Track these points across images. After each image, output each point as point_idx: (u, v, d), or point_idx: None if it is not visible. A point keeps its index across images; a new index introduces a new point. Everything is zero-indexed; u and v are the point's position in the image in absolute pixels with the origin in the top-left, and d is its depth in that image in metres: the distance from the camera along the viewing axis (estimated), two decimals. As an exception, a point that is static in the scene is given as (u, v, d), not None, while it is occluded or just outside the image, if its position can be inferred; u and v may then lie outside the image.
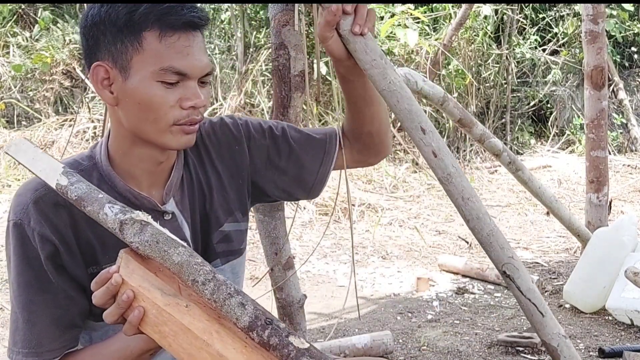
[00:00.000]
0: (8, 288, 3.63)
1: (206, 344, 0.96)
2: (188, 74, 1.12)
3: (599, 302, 3.15)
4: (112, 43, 1.11)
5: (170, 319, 0.99)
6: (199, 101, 1.13)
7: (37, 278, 1.14)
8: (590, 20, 3.47)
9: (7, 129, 5.83)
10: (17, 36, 6.28)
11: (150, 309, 1.00)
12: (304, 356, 0.92)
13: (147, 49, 1.10)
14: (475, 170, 6.33)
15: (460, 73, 6.56)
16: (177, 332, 0.98)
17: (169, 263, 0.99)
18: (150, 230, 1.02)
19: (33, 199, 1.14)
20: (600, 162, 3.58)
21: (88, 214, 1.05)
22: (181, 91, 1.13)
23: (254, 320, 0.94)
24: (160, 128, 1.13)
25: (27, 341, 1.15)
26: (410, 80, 2.67)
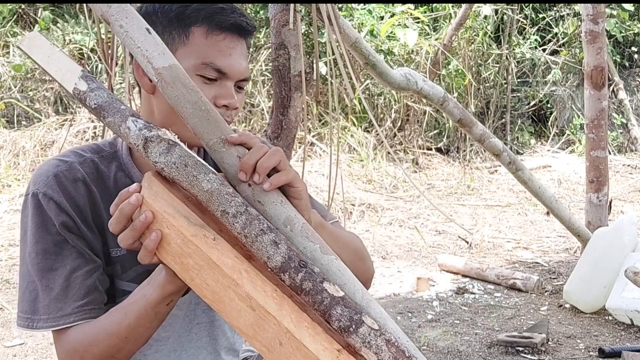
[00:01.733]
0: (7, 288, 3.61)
1: (234, 282, 0.88)
2: (227, 74, 1.15)
3: (599, 302, 3.15)
4: (161, 33, 1.14)
5: (197, 251, 0.89)
6: (233, 101, 1.15)
7: (54, 244, 1.14)
8: (590, 20, 3.47)
9: (7, 129, 5.83)
10: (17, 36, 6.28)
11: (174, 237, 0.91)
12: (338, 305, 0.85)
13: (193, 42, 1.14)
14: (475, 170, 6.33)
15: (460, 73, 6.56)
16: (202, 267, 0.89)
17: (198, 190, 0.90)
18: (178, 151, 0.92)
19: (54, 173, 1.16)
20: (600, 162, 3.58)
21: (108, 126, 0.96)
22: (217, 89, 1.15)
23: (287, 261, 0.87)
24: None
25: (46, 307, 1.14)
26: (410, 80, 2.67)
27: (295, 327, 0.86)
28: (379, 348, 0.83)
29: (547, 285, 3.59)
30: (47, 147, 5.49)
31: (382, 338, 0.84)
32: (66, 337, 1.13)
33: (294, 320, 0.86)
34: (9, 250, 4.07)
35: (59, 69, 0.99)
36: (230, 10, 1.15)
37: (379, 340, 0.84)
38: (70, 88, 0.98)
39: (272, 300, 0.87)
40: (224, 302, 0.89)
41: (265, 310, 0.86)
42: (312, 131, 5.86)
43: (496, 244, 4.44)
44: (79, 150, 1.22)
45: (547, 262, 4.05)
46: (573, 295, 3.22)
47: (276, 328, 0.86)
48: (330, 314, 0.85)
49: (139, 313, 1.05)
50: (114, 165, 1.21)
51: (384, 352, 0.83)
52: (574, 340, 2.88)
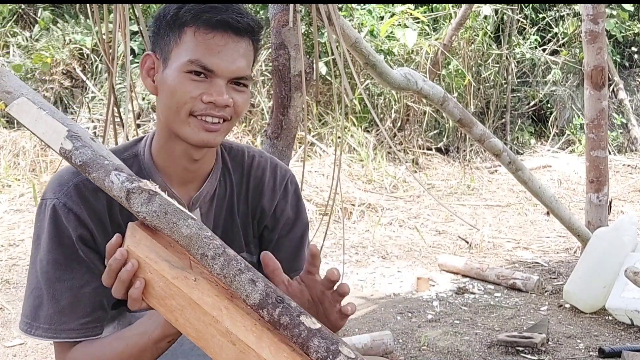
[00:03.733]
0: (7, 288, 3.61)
1: (215, 320, 0.92)
2: (215, 72, 1.15)
3: (599, 302, 3.15)
4: (162, 36, 1.19)
5: (178, 292, 0.94)
6: (219, 99, 1.15)
7: (66, 257, 1.15)
8: (590, 20, 3.47)
9: (7, 129, 5.83)
10: (17, 36, 6.28)
11: (157, 280, 0.96)
12: (315, 337, 0.89)
13: (184, 41, 1.16)
14: (475, 170, 6.33)
15: (460, 73, 6.56)
16: (184, 307, 0.94)
17: (178, 235, 0.94)
18: (158, 200, 0.96)
19: (75, 182, 1.17)
20: (600, 162, 3.58)
21: (93, 181, 1.01)
22: (206, 86, 1.16)
23: (265, 298, 0.90)
24: (180, 118, 1.16)
25: (49, 317, 1.16)
26: (410, 80, 2.67)
27: (274, 358, 0.90)
28: None
29: (547, 285, 3.59)
30: (47, 147, 5.48)
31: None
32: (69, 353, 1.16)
33: (273, 352, 0.91)
34: (9, 250, 4.07)
35: (46, 131, 1.04)
36: (223, 9, 1.16)
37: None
38: (57, 148, 1.03)
39: (251, 334, 0.91)
40: (207, 339, 0.93)
41: (245, 344, 0.91)
42: (312, 131, 5.86)
43: (496, 244, 4.44)
44: None
45: (547, 262, 4.05)
46: (573, 295, 3.22)
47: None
48: (308, 346, 0.90)
49: (140, 347, 1.09)
50: (134, 169, 1.22)
51: None
52: (574, 340, 2.88)
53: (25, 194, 4.91)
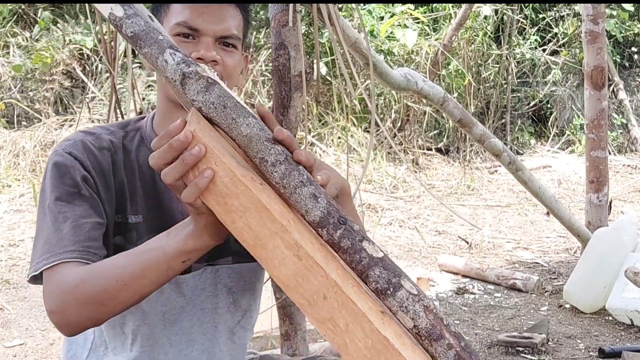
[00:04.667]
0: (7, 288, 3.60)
1: (283, 229, 0.82)
2: (201, 30, 1.19)
3: (599, 302, 3.15)
4: (156, 14, 1.23)
5: (245, 191, 0.83)
6: (206, 54, 1.16)
7: (69, 193, 1.14)
8: (590, 20, 3.47)
9: (7, 129, 5.83)
10: (17, 36, 6.28)
11: (222, 175, 0.84)
12: (376, 266, 0.81)
13: (171, 9, 1.21)
14: (475, 170, 6.33)
15: (460, 73, 6.56)
16: (248, 209, 0.83)
17: (236, 134, 0.84)
18: (217, 90, 0.86)
19: (80, 139, 1.19)
20: (600, 162, 3.58)
21: (144, 57, 0.92)
22: (194, 46, 1.19)
23: (326, 217, 0.81)
24: None
25: (50, 246, 1.09)
26: (410, 80, 2.67)
27: (342, 282, 0.81)
28: (416, 314, 0.79)
29: (547, 286, 3.59)
30: (47, 147, 5.49)
31: (421, 304, 0.80)
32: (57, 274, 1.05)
33: (340, 275, 0.82)
34: (9, 250, 4.07)
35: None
36: None
37: (417, 305, 0.80)
38: (107, 13, 0.92)
39: (319, 252, 0.82)
40: (267, 249, 0.83)
41: (314, 261, 0.81)
42: (312, 131, 5.86)
43: (496, 244, 4.44)
44: (106, 125, 1.27)
45: (547, 262, 4.05)
46: (573, 295, 3.22)
47: (322, 280, 0.81)
48: (367, 275, 0.81)
49: (150, 262, 0.99)
50: (137, 140, 1.24)
51: (422, 319, 0.79)
52: (574, 340, 2.88)
53: (25, 194, 4.91)
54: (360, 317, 0.80)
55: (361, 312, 0.80)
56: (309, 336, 2.80)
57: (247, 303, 1.32)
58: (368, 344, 0.80)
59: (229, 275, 1.28)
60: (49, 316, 1.05)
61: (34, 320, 3.10)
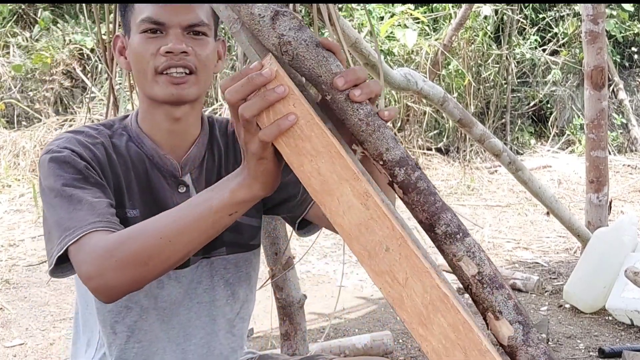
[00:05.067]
0: (7, 288, 3.61)
1: (355, 176, 0.82)
2: (166, 23, 1.17)
3: (599, 302, 3.15)
4: (124, 16, 1.23)
5: (321, 135, 0.83)
6: (174, 47, 1.16)
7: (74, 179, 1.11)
8: (590, 20, 3.47)
9: (7, 129, 5.83)
10: (17, 36, 6.28)
11: (300, 116, 0.83)
12: (449, 211, 0.84)
13: (136, 7, 1.20)
14: (475, 170, 6.33)
15: (460, 73, 6.56)
16: (320, 153, 0.83)
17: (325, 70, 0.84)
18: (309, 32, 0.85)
19: (73, 136, 1.19)
20: (600, 162, 3.58)
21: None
22: (162, 40, 1.18)
23: (405, 158, 0.83)
24: (148, 79, 1.19)
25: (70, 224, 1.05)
26: (410, 80, 2.67)
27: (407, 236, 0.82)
28: (481, 260, 0.83)
29: (547, 286, 3.59)
30: (47, 147, 5.49)
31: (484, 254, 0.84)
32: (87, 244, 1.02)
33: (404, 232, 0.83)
34: (9, 250, 4.07)
35: None
36: None
37: (482, 254, 0.84)
38: None
39: (385, 207, 0.83)
40: (333, 195, 0.83)
41: (382, 212, 0.82)
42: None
43: (496, 244, 4.44)
44: (90, 125, 1.27)
45: (547, 262, 4.05)
46: (573, 295, 3.22)
47: (388, 232, 0.82)
48: (439, 217, 0.84)
49: (196, 215, 0.97)
50: (124, 138, 1.25)
51: (486, 266, 0.82)
52: (574, 340, 2.88)
53: (25, 194, 4.91)
54: (423, 272, 0.81)
55: (424, 267, 0.81)
56: (309, 336, 2.80)
57: (245, 293, 1.33)
58: (426, 300, 0.81)
59: (224, 266, 1.29)
60: (85, 283, 1.01)
61: (34, 320, 3.10)
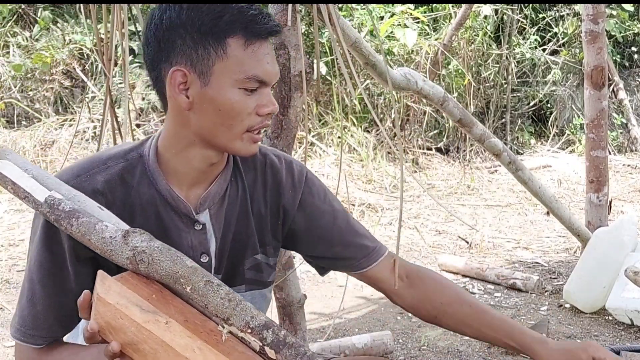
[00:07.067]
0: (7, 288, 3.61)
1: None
2: (267, 82, 1.15)
3: (599, 302, 3.15)
4: (193, 48, 1.12)
5: (150, 336, 0.95)
6: (274, 108, 1.16)
7: (52, 262, 1.14)
8: (590, 20, 3.47)
9: (7, 129, 5.83)
10: (17, 36, 6.28)
11: (128, 326, 0.96)
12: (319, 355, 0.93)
13: (231, 55, 1.11)
14: (475, 170, 6.33)
15: (460, 73, 6.56)
16: (157, 350, 0.95)
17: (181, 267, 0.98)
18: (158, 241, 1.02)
19: (73, 184, 1.15)
20: (600, 162, 3.58)
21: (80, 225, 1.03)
22: (257, 98, 1.14)
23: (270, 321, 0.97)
24: (234, 134, 1.15)
25: (23, 318, 1.17)
26: (410, 80, 2.67)
27: None
28: None
29: (547, 285, 3.59)
30: (47, 147, 5.49)
31: None
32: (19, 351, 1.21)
33: None
34: (9, 250, 4.07)
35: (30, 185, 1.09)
36: (262, 16, 1.13)
37: None
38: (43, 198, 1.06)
39: None
40: None
41: None
42: (312, 131, 5.86)
43: (496, 244, 4.44)
44: (104, 157, 1.20)
45: (547, 262, 4.05)
46: (573, 295, 3.22)
47: None
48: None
49: None
50: (138, 171, 1.20)
51: None
52: (574, 340, 2.88)
53: (25, 194, 4.90)
54: None
55: None
56: (309, 336, 2.80)
57: None
58: None
59: None
60: None
61: (34, 320, 3.10)
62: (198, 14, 1.11)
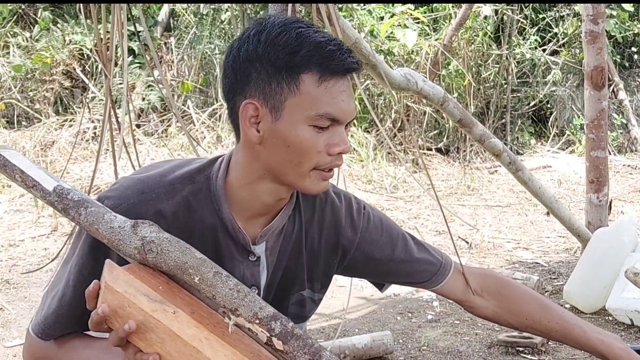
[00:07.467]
0: (7, 288, 3.60)
1: (196, 350, 0.94)
2: (340, 120, 1.11)
3: (599, 302, 3.15)
4: (267, 82, 1.10)
5: (158, 325, 0.95)
6: (346, 147, 1.12)
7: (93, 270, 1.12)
8: (590, 20, 3.47)
9: (7, 129, 5.83)
10: (17, 36, 6.28)
11: (136, 315, 0.96)
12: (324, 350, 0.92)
13: (304, 92, 1.09)
14: (475, 170, 6.33)
15: (460, 73, 6.56)
16: (164, 339, 0.95)
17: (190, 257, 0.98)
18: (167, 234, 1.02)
19: (135, 202, 1.13)
20: (600, 162, 3.57)
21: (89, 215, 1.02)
22: (329, 136, 1.11)
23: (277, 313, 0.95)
24: (302, 172, 1.12)
25: (47, 316, 1.18)
26: (410, 81, 2.67)
27: None
28: None
29: (547, 286, 3.59)
30: (47, 148, 5.49)
31: None
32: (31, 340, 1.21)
33: None
34: (9, 250, 4.07)
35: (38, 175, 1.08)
36: (340, 52, 1.10)
37: None
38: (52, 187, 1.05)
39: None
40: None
41: None
42: (312, 131, 5.86)
43: (496, 244, 4.44)
44: (171, 177, 1.18)
45: (547, 262, 4.05)
46: (573, 295, 3.22)
47: None
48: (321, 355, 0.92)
49: None
50: (202, 194, 1.18)
51: None
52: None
53: (25, 194, 4.90)
54: None
55: None
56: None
57: None
58: None
59: None
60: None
61: (34, 320, 3.10)
62: (274, 48, 1.09)
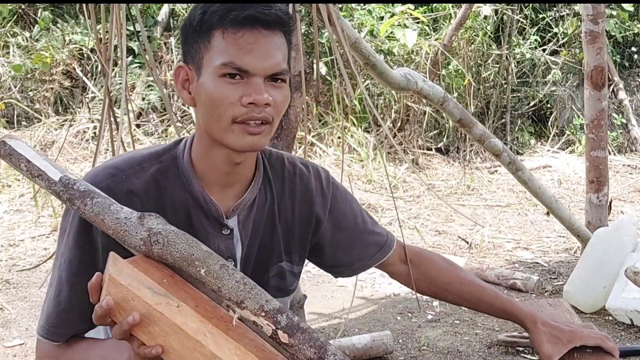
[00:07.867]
0: (7, 288, 3.61)
1: (199, 344, 0.93)
2: (250, 71, 1.11)
3: (599, 302, 3.15)
4: (191, 45, 1.14)
5: (162, 318, 0.95)
6: (259, 98, 1.10)
7: (82, 260, 1.14)
8: (590, 20, 3.47)
9: (7, 129, 5.83)
10: (17, 36, 6.28)
11: (140, 308, 0.96)
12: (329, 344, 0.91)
13: (214, 45, 1.11)
14: (475, 170, 6.33)
15: (460, 73, 6.56)
16: (167, 333, 0.95)
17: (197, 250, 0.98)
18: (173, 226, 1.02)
19: (107, 184, 1.14)
20: (600, 162, 3.58)
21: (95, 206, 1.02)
22: (245, 88, 1.11)
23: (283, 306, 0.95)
24: (223, 126, 1.12)
25: (49, 316, 1.18)
26: (410, 80, 2.67)
27: None
28: None
29: (547, 286, 3.59)
30: (47, 147, 5.49)
31: None
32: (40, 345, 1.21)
33: None
34: (9, 250, 4.07)
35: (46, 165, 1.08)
36: (248, 5, 1.11)
37: None
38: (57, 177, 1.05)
39: (235, 356, 0.94)
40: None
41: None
42: (312, 131, 5.86)
43: (496, 244, 4.44)
44: (138, 158, 1.20)
45: (547, 262, 4.05)
46: (573, 295, 3.22)
47: None
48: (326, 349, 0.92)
49: None
50: (171, 173, 1.19)
51: None
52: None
53: (25, 194, 4.91)
54: None
55: None
56: (309, 336, 2.80)
57: None
58: None
59: None
60: None
61: (34, 320, 3.10)
62: (194, 11, 1.13)
